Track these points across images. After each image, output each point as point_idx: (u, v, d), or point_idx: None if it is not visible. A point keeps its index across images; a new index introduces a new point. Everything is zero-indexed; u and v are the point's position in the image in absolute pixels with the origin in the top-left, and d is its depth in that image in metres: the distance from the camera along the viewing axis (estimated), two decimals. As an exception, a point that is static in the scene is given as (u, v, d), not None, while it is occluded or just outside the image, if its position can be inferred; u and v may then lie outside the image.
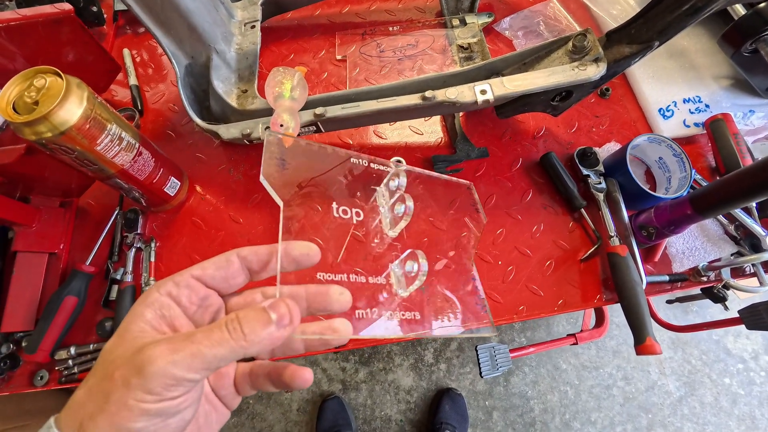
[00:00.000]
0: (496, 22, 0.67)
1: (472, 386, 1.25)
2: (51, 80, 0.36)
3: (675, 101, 0.60)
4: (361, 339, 0.44)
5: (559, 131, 0.59)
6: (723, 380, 1.24)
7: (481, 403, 1.23)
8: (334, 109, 0.48)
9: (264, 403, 1.25)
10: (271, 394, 1.25)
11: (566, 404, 1.22)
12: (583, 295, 0.51)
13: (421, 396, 1.24)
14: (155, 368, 0.17)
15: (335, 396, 1.22)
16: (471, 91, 0.46)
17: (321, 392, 1.25)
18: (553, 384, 1.24)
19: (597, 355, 1.27)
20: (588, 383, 1.24)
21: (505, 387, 1.24)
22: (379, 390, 1.25)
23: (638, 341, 0.44)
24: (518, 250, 0.52)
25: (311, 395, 1.25)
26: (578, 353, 1.28)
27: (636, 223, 0.50)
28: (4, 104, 0.36)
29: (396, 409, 1.23)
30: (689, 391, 1.22)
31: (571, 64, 0.46)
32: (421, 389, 1.24)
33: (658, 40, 0.43)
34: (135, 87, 0.64)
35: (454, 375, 1.26)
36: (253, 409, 1.24)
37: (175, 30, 0.48)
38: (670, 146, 0.52)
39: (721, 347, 1.28)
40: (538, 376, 1.25)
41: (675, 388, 1.23)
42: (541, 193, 0.55)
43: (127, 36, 0.72)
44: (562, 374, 1.26)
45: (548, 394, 1.23)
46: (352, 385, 1.25)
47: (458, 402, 1.19)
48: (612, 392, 1.23)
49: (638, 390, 1.23)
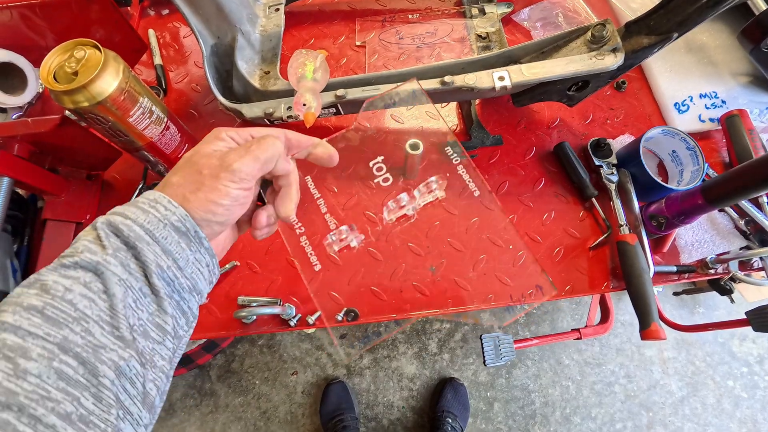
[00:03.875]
0: (514, 12, 0.68)
1: (474, 377, 1.26)
2: (90, 52, 0.38)
3: (691, 96, 0.60)
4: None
5: (574, 122, 0.60)
6: (726, 383, 1.24)
7: (483, 394, 1.24)
8: (355, 91, 0.49)
9: (270, 385, 1.28)
10: (276, 375, 1.28)
11: (567, 399, 1.23)
12: (591, 282, 0.52)
13: (424, 384, 1.26)
14: (236, 166, 0.26)
15: (339, 380, 1.25)
16: (489, 77, 0.47)
17: (326, 376, 1.27)
18: (555, 378, 1.25)
19: (600, 352, 1.28)
20: (590, 379, 1.25)
21: (507, 379, 1.26)
22: (383, 376, 1.27)
23: (644, 326, 0.45)
24: (528, 236, 0.53)
25: (316, 378, 1.27)
26: (582, 349, 1.28)
27: (646, 213, 0.51)
28: (45, 73, 0.38)
29: (399, 395, 1.25)
30: (692, 391, 1.23)
31: (590, 53, 0.47)
32: (424, 377, 1.26)
33: (677, 32, 0.44)
34: (159, 66, 0.66)
35: (457, 365, 1.27)
36: (259, 389, 1.27)
37: (203, 10, 0.50)
38: (684, 139, 0.53)
39: (726, 350, 1.28)
40: (540, 370, 1.27)
41: (677, 388, 1.23)
42: (554, 182, 0.56)
43: (151, 18, 0.74)
44: (565, 369, 1.26)
45: (550, 388, 1.25)
46: (357, 371, 1.28)
47: (460, 391, 1.21)
48: (614, 389, 1.24)
49: (640, 388, 1.23)
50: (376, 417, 1.22)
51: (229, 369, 1.28)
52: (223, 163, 0.26)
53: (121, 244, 0.24)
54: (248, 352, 1.30)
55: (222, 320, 0.51)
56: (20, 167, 0.49)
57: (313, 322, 0.49)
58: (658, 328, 0.44)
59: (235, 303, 0.51)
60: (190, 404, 1.25)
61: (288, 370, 1.28)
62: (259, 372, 1.28)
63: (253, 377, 1.29)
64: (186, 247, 0.26)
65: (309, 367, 1.28)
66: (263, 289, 0.51)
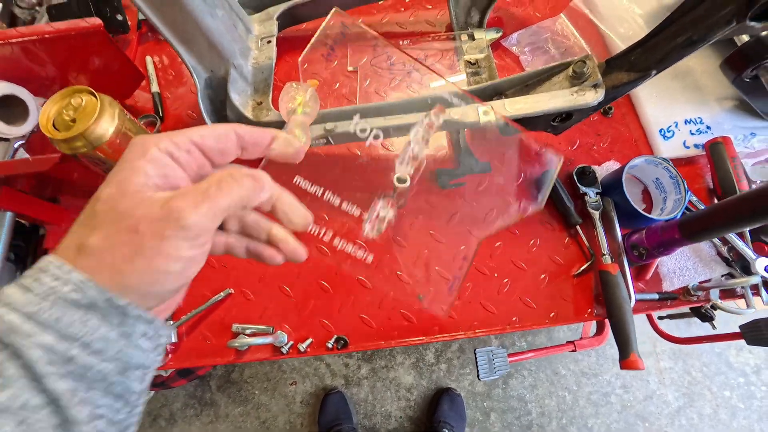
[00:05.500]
0: (504, 37, 0.69)
1: (471, 387, 1.27)
2: (87, 99, 0.40)
3: (676, 122, 0.61)
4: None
5: (560, 148, 0.61)
6: (723, 393, 1.25)
7: (480, 404, 1.26)
8: (344, 124, 0.51)
9: (269, 395, 1.29)
10: (276, 385, 1.29)
11: (564, 409, 1.24)
12: (575, 309, 0.53)
13: (421, 394, 1.27)
14: (190, 221, 0.19)
15: (338, 390, 1.26)
16: (474, 111, 0.48)
17: (324, 386, 1.29)
18: (552, 389, 1.26)
19: (597, 362, 1.29)
20: (586, 389, 1.26)
21: (503, 389, 1.27)
22: (381, 386, 1.29)
23: (623, 356, 0.47)
24: (514, 264, 0.55)
25: (314, 389, 1.29)
26: (578, 359, 1.29)
27: (629, 242, 0.52)
28: (44, 121, 0.39)
29: (396, 405, 1.26)
30: (688, 402, 1.23)
31: (571, 89, 0.48)
32: (422, 388, 1.28)
33: (656, 69, 0.45)
34: (156, 94, 0.68)
35: (454, 375, 1.29)
36: (258, 399, 1.29)
37: (196, 47, 0.51)
38: (667, 168, 0.54)
39: (723, 360, 1.28)
40: (537, 380, 1.28)
41: (674, 399, 1.24)
42: (540, 210, 0.57)
43: (149, 43, 0.76)
44: (561, 379, 1.27)
45: (546, 398, 1.26)
46: (355, 381, 1.29)
47: (457, 402, 1.22)
48: (610, 399, 1.24)
49: (636, 399, 1.24)
50: (373, 427, 1.24)
51: (228, 379, 1.30)
52: (170, 215, 0.19)
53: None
54: (248, 363, 1.32)
55: (217, 347, 0.52)
56: (22, 201, 0.51)
57: (305, 350, 0.50)
58: (637, 358, 0.45)
59: (230, 330, 0.52)
60: (191, 414, 1.27)
61: (287, 380, 1.30)
62: (258, 382, 1.30)
63: (252, 387, 1.30)
64: (99, 323, 0.19)
65: (308, 377, 1.30)
66: (257, 315, 0.53)
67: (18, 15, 0.78)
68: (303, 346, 0.50)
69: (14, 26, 0.79)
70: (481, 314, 0.52)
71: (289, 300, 0.54)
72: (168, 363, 0.52)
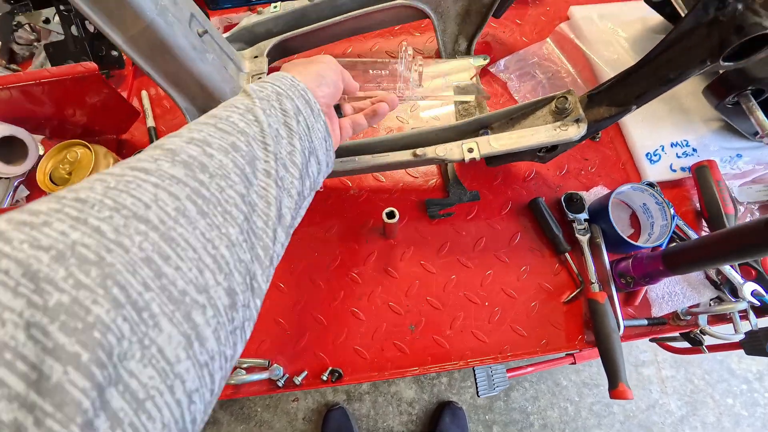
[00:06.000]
0: (491, 63, 0.70)
1: (472, 400, 1.28)
2: (82, 152, 0.41)
3: (663, 145, 0.62)
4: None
5: (549, 174, 0.62)
6: (726, 401, 1.24)
7: (482, 417, 1.26)
8: (336, 162, 0.52)
9: (271, 412, 1.30)
10: (278, 402, 1.30)
11: (566, 420, 1.24)
12: (566, 336, 0.54)
13: (423, 408, 1.27)
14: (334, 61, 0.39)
15: (340, 406, 1.27)
16: (459, 149, 0.49)
17: (326, 402, 1.30)
18: (554, 400, 1.27)
19: (598, 372, 1.29)
20: (588, 400, 1.26)
21: (505, 402, 1.27)
22: (382, 401, 1.29)
23: (612, 386, 0.47)
24: (505, 292, 0.56)
25: (316, 405, 1.30)
26: (579, 370, 1.29)
27: (616, 271, 0.53)
28: (42, 177, 0.41)
29: (398, 420, 1.27)
30: (691, 410, 1.23)
31: (554, 123, 0.49)
32: (423, 402, 1.28)
33: (635, 104, 0.46)
34: (152, 129, 0.70)
35: (455, 388, 1.29)
36: (260, 417, 1.30)
37: (188, 89, 0.53)
38: (652, 195, 0.55)
39: (725, 367, 1.28)
40: (538, 392, 1.28)
41: (677, 407, 1.23)
42: (529, 236, 0.58)
43: (144, 77, 0.78)
44: (563, 390, 1.28)
45: (548, 410, 1.26)
46: (356, 396, 1.30)
47: (458, 415, 1.23)
48: (612, 410, 1.24)
49: (639, 408, 1.24)
50: (376, 442, 1.24)
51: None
52: (324, 60, 0.38)
53: (264, 95, 0.30)
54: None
55: (213, 382, 0.53)
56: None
57: (300, 383, 0.51)
58: (625, 388, 0.46)
59: (226, 365, 0.53)
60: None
61: (289, 396, 1.31)
62: (260, 399, 1.31)
63: (254, 404, 1.31)
64: (310, 113, 0.31)
65: (309, 393, 1.30)
66: (253, 350, 0.54)
67: (16, 51, 0.80)
68: (298, 380, 0.51)
69: (13, 62, 0.81)
70: (472, 343, 0.53)
71: (284, 332, 0.55)
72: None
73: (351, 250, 0.58)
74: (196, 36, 0.50)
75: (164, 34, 0.45)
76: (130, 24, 0.44)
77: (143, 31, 0.44)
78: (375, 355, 0.53)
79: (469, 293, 0.55)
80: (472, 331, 0.54)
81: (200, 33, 0.50)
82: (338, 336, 0.54)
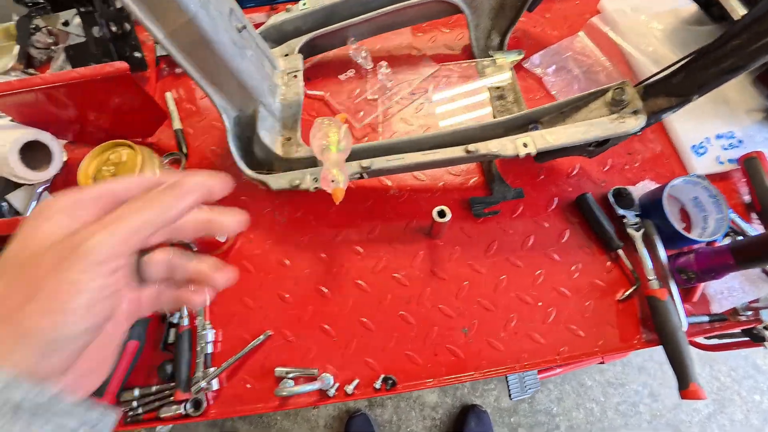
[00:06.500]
0: (525, 59, 0.69)
1: (496, 403, 1.25)
2: (126, 153, 0.39)
3: (708, 137, 0.61)
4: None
5: (593, 169, 0.61)
6: (753, 397, 1.23)
7: (506, 420, 1.24)
8: (380, 161, 0.50)
9: (291, 420, 1.27)
10: (298, 410, 1.27)
11: (592, 421, 1.22)
12: (623, 336, 0.52)
13: (446, 413, 1.25)
14: (91, 243, 0.18)
15: (362, 412, 1.24)
16: (513, 144, 0.48)
17: (347, 409, 1.27)
18: (579, 401, 1.25)
19: (622, 371, 1.27)
20: (614, 400, 1.24)
21: (530, 404, 1.25)
22: (405, 407, 1.26)
23: (682, 386, 0.45)
24: (557, 291, 0.54)
25: (338, 411, 1.27)
26: (603, 369, 1.28)
27: (675, 266, 0.51)
28: (84, 179, 0.39)
29: (421, 425, 1.24)
30: (718, 408, 1.21)
31: (610, 116, 0.47)
32: (446, 406, 1.26)
33: (697, 94, 0.44)
34: (179, 131, 0.67)
35: (479, 392, 1.27)
36: (281, 425, 1.27)
37: (226, 88, 0.51)
38: (706, 188, 0.53)
39: (750, 364, 1.26)
40: (563, 393, 1.26)
41: (704, 405, 1.22)
42: (578, 233, 0.57)
43: (167, 78, 0.76)
44: (588, 391, 1.26)
45: (574, 411, 1.24)
46: (378, 402, 1.27)
47: (484, 419, 1.20)
48: (639, 409, 1.23)
49: (666, 407, 1.22)
50: (400, 449, 1.21)
51: (250, 406, 1.28)
52: (72, 244, 0.18)
53: None
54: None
55: (259, 392, 0.51)
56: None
57: (352, 392, 0.49)
58: (697, 388, 0.44)
59: (271, 374, 0.51)
60: (214, 444, 1.24)
61: (309, 404, 1.28)
62: (280, 408, 1.28)
63: (274, 413, 1.28)
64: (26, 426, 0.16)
65: (330, 401, 1.28)
66: (298, 358, 0.52)
67: (34, 56, 0.78)
68: (350, 388, 0.49)
69: (30, 66, 0.79)
70: (528, 345, 0.51)
71: (330, 340, 0.53)
72: (209, 413, 0.51)
73: (395, 252, 0.56)
74: (236, 31, 0.48)
75: (206, 29, 0.43)
76: (173, 17, 0.42)
77: (185, 25, 0.42)
78: (428, 360, 0.51)
79: (521, 293, 0.53)
80: (527, 332, 0.52)
81: (239, 28, 0.48)
82: (387, 341, 0.52)
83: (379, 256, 0.56)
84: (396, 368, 0.50)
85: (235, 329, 0.54)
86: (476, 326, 0.52)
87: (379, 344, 0.52)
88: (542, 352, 0.51)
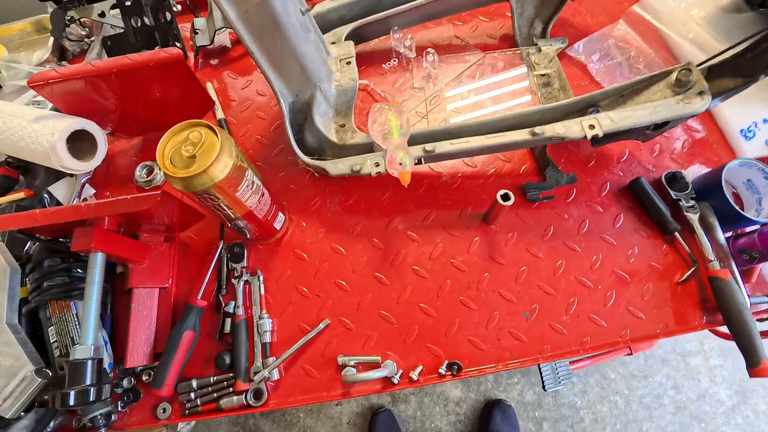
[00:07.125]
0: (569, 46, 0.69)
1: (520, 397, 1.25)
2: (205, 133, 0.39)
3: (755, 122, 0.61)
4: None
5: (642, 155, 0.61)
6: (774, 387, 1.24)
7: (531, 414, 1.23)
8: (443, 144, 0.50)
9: (314, 417, 1.26)
10: (320, 407, 1.26)
11: (617, 414, 1.22)
12: (683, 318, 0.52)
13: (470, 407, 1.24)
14: None
15: (385, 409, 1.23)
16: (579, 125, 0.48)
17: (371, 405, 1.26)
18: (603, 394, 1.25)
19: (645, 363, 1.27)
20: (638, 392, 1.24)
21: (554, 397, 1.25)
22: (428, 402, 1.26)
23: (752, 365, 0.45)
24: (615, 274, 0.54)
25: (361, 408, 1.26)
26: (626, 362, 1.28)
27: (735, 246, 0.51)
28: (161, 159, 0.38)
29: (446, 420, 1.23)
30: (742, 399, 1.22)
31: (675, 97, 0.47)
32: (470, 401, 1.25)
33: (764, 74, 0.44)
34: (223, 120, 0.67)
35: (502, 386, 1.27)
36: (303, 423, 1.26)
37: (288, 71, 0.50)
38: (762, 170, 0.53)
39: (770, 353, 1.27)
40: (586, 386, 1.26)
41: (727, 397, 1.22)
42: (632, 217, 0.57)
43: (206, 69, 0.75)
44: (611, 383, 1.26)
45: (598, 404, 1.24)
46: (401, 398, 1.27)
47: (509, 413, 1.20)
48: (663, 401, 1.23)
49: (689, 399, 1.23)
50: (426, 444, 1.21)
51: (273, 404, 1.27)
52: None
53: None
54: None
55: (322, 381, 0.50)
56: (114, 241, 0.49)
57: (417, 378, 0.48)
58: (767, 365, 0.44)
59: (333, 362, 0.51)
60: (237, 443, 1.23)
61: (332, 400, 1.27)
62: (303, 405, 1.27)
63: (297, 410, 1.27)
64: None
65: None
66: (359, 346, 0.51)
67: (67, 48, 0.77)
68: (415, 374, 0.49)
69: (63, 58, 0.78)
70: (590, 329, 0.51)
71: (391, 326, 0.52)
72: (269, 403, 0.50)
73: (451, 238, 0.56)
74: (301, 14, 0.48)
75: (278, 9, 0.43)
76: (246, -2, 0.41)
77: (258, 4, 0.42)
78: (492, 345, 0.50)
79: (581, 277, 0.53)
80: (588, 315, 0.51)
81: (303, 11, 0.48)
82: (450, 327, 0.51)
83: (435, 242, 0.56)
84: (460, 354, 0.50)
85: (291, 318, 0.54)
86: (537, 310, 0.52)
87: (441, 330, 0.51)
88: (605, 334, 0.51)
